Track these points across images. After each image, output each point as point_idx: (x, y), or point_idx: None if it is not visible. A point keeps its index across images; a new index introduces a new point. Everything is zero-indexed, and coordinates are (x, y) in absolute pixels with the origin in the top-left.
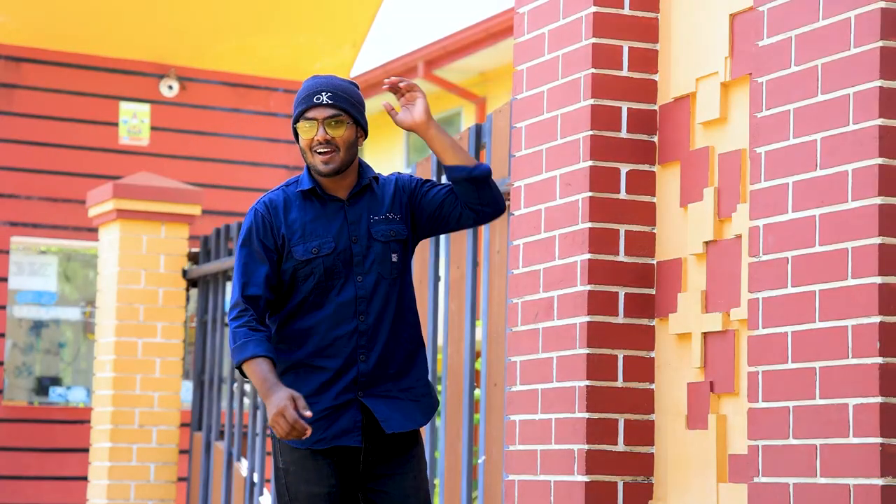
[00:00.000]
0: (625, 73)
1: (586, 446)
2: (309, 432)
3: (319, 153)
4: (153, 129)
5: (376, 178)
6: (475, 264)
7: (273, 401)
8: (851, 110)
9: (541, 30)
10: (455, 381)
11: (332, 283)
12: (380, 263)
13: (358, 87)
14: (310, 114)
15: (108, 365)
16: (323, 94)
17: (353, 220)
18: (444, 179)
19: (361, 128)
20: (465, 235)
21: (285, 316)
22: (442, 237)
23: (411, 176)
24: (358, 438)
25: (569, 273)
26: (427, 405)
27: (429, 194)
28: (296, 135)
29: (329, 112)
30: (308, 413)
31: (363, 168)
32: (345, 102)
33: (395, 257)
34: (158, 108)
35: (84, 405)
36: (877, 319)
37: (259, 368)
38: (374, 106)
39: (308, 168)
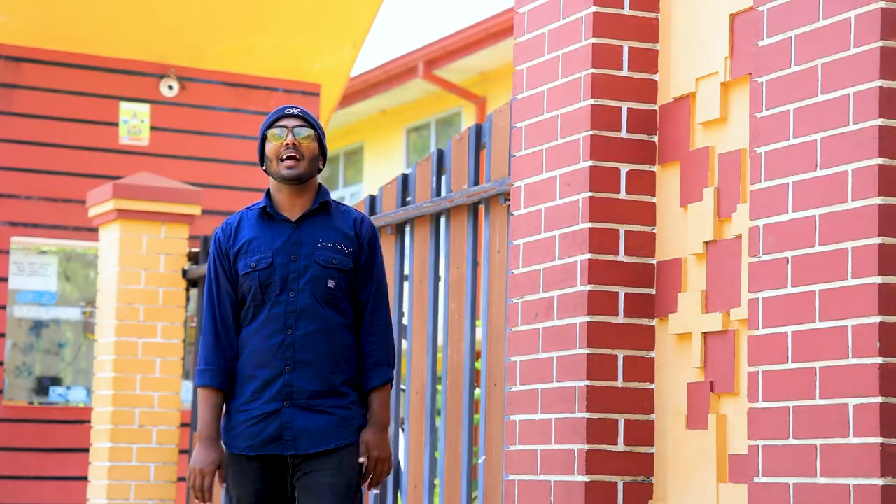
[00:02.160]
0: (625, 73)
1: (586, 446)
2: (208, 499)
3: (284, 160)
4: (153, 129)
5: (329, 203)
6: (475, 264)
7: (200, 455)
8: (851, 110)
9: (541, 30)
10: (455, 381)
11: (266, 296)
12: (314, 285)
13: None
14: (281, 122)
15: (108, 365)
16: (293, 108)
17: (296, 240)
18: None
19: (322, 152)
20: (465, 235)
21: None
22: (442, 236)
23: (373, 244)
24: (280, 447)
25: (569, 273)
26: (350, 430)
27: (357, 287)
28: (262, 147)
29: (298, 122)
30: (218, 485)
31: (320, 192)
32: (311, 119)
33: (331, 283)
34: (158, 108)
35: (84, 405)
36: (877, 319)
37: (207, 405)
38: (372, 106)
39: (268, 190)
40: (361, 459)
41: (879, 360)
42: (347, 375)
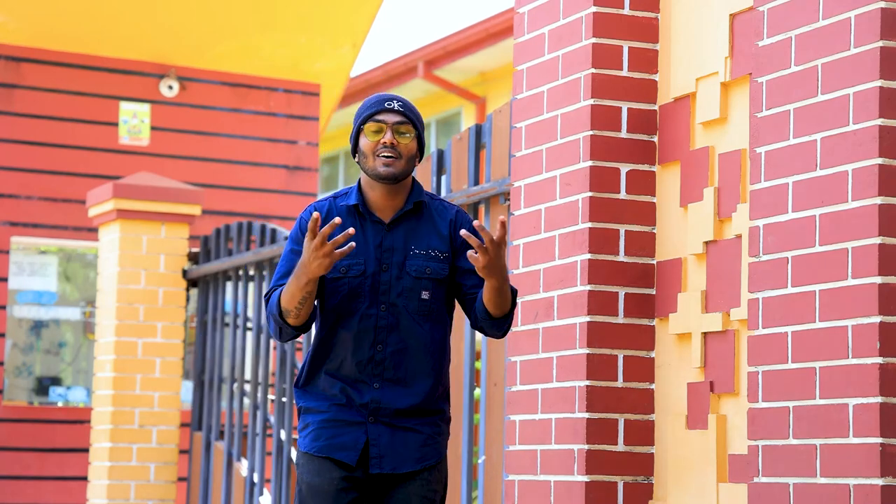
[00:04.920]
0: (625, 73)
1: (586, 446)
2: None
3: (382, 157)
4: (153, 129)
5: (423, 202)
6: None
7: (302, 268)
8: (851, 110)
9: (541, 30)
10: (455, 381)
11: (355, 305)
12: (406, 297)
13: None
14: (380, 116)
15: (108, 365)
16: (395, 101)
17: (388, 246)
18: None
19: (420, 148)
20: None
21: (318, 326)
22: None
23: (468, 223)
24: (353, 457)
25: (569, 273)
26: (437, 449)
27: (461, 274)
28: (356, 139)
29: (399, 118)
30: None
31: (415, 190)
32: (413, 115)
33: (425, 294)
34: (158, 108)
35: (84, 405)
36: (877, 319)
37: (283, 290)
38: None
39: (359, 182)
40: (466, 232)
41: (879, 360)
42: (441, 391)
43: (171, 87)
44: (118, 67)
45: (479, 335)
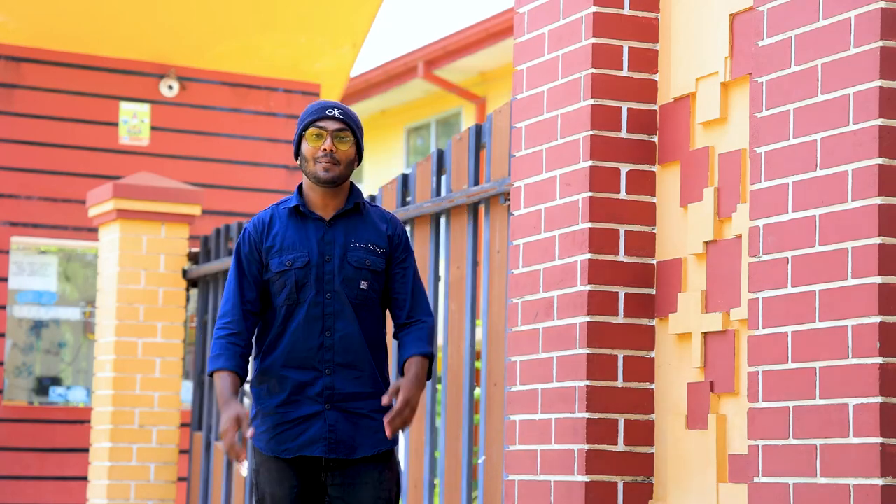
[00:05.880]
0: (625, 73)
1: (586, 446)
2: (242, 457)
3: (322, 162)
4: (153, 129)
5: (363, 203)
6: (475, 264)
7: (223, 418)
8: (851, 110)
9: (541, 30)
10: (455, 381)
11: (302, 296)
12: (347, 286)
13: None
14: (320, 123)
15: (108, 365)
16: (335, 109)
17: (329, 239)
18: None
19: (359, 153)
20: (465, 235)
21: (266, 324)
22: (442, 236)
23: (406, 242)
24: (322, 448)
25: (569, 273)
26: (387, 437)
27: (392, 285)
28: (298, 145)
29: (339, 125)
30: (249, 432)
31: (353, 192)
32: (353, 122)
33: (364, 284)
34: (158, 108)
35: (84, 405)
36: (877, 319)
37: (221, 382)
38: (372, 106)
39: (299, 187)
40: (385, 400)
41: (879, 360)
42: (385, 374)
43: (171, 87)
44: (118, 67)
45: (479, 335)
